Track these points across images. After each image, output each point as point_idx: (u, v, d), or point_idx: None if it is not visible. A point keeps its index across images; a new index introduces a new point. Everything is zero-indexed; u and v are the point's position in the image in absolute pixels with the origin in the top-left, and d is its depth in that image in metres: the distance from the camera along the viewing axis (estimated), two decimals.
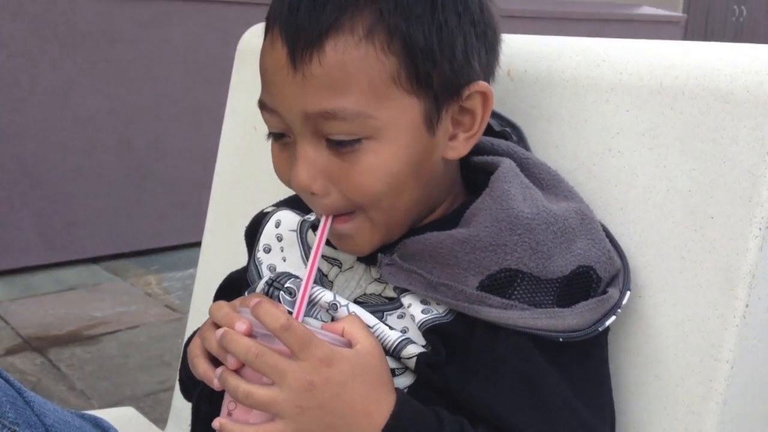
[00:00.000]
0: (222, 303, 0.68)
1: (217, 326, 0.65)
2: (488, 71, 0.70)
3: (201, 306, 1.22)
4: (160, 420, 1.25)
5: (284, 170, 0.68)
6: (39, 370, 2.14)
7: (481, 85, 0.67)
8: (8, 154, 2.74)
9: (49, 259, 2.88)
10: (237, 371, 0.63)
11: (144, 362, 2.22)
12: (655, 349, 0.70)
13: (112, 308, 2.58)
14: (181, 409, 1.18)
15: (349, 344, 0.63)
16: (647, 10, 4.98)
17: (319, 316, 0.70)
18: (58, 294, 2.69)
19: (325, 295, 0.69)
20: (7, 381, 0.77)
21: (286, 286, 0.72)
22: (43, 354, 2.23)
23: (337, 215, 0.68)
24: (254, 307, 0.61)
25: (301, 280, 0.69)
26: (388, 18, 0.62)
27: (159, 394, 2.03)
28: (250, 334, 0.62)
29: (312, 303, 0.69)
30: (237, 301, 0.69)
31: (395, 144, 0.64)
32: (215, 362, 0.67)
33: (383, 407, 0.61)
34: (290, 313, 0.66)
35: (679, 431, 0.68)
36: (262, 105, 0.67)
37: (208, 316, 0.89)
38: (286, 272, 0.74)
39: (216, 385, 0.65)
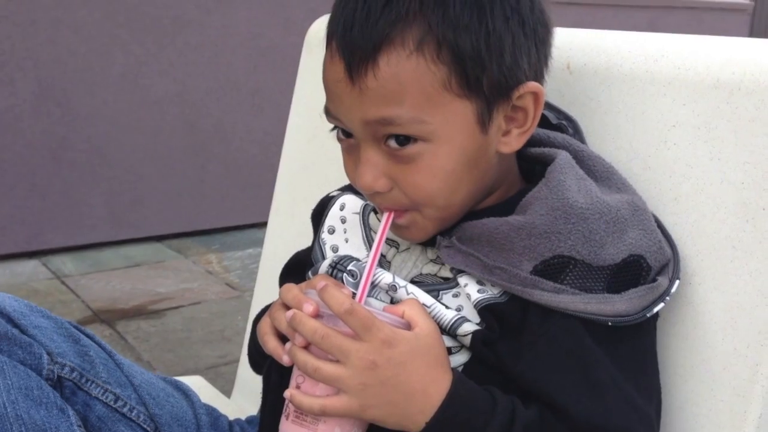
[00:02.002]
0: (291, 285, 0.73)
1: (287, 307, 0.71)
2: (540, 66, 0.73)
3: (266, 284, 1.28)
4: (225, 390, 1.32)
5: (351, 171, 0.73)
6: (108, 341, 2.24)
7: (531, 85, 0.70)
8: (81, 135, 2.86)
9: (117, 237, 3.00)
10: (305, 348, 0.68)
11: (206, 337, 2.31)
12: (704, 334, 0.73)
13: (175, 285, 2.68)
14: (246, 380, 1.25)
15: (409, 326, 0.68)
16: None
17: (379, 297, 0.75)
18: (125, 270, 2.80)
19: (385, 277, 0.74)
20: (99, 345, 0.85)
21: (348, 268, 0.77)
22: (112, 326, 2.34)
23: (396, 212, 0.72)
24: (321, 291, 0.66)
25: (363, 262, 0.73)
26: (437, 30, 0.65)
27: (220, 367, 2.12)
28: (317, 315, 0.67)
29: (372, 284, 0.74)
30: (305, 284, 0.74)
31: (450, 145, 0.68)
32: (283, 340, 0.73)
33: (440, 386, 0.66)
34: (354, 294, 0.71)
35: (725, 413, 0.71)
36: (327, 111, 0.72)
37: (272, 293, 0.95)
38: (348, 255, 0.79)
39: (285, 360, 0.70)
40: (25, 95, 2.73)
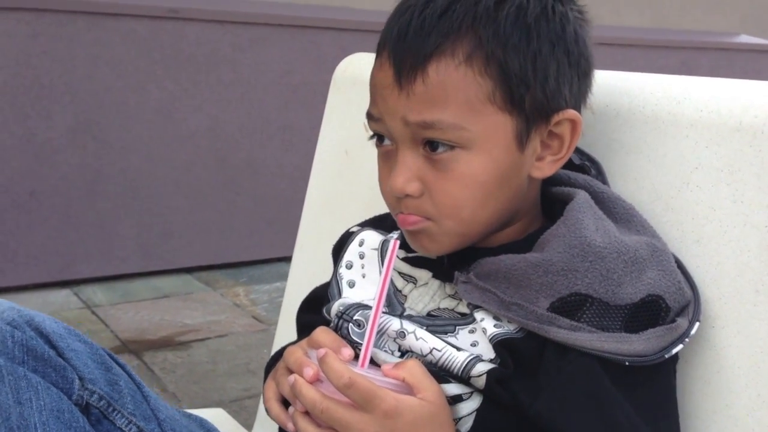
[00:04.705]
0: (294, 348, 0.73)
1: (290, 370, 0.71)
2: (579, 98, 0.75)
3: (290, 319, 1.28)
4: (246, 424, 1.32)
5: (385, 178, 0.74)
6: (135, 371, 2.26)
7: (570, 113, 0.72)
8: (115, 168, 2.92)
9: (147, 268, 3.04)
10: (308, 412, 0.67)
11: (231, 369, 2.31)
12: (727, 378, 0.72)
13: (203, 317, 2.70)
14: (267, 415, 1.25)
15: (411, 389, 0.66)
16: (745, 38, 4.85)
17: (386, 345, 0.74)
18: (153, 301, 2.83)
19: (393, 324, 0.73)
20: (129, 375, 0.85)
21: (355, 318, 0.76)
22: (139, 357, 2.36)
23: (415, 219, 0.72)
24: (320, 362, 0.65)
25: (370, 312, 0.72)
26: (487, 45, 0.68)
27: (244, 400, 2.12)
28: (318, 379, 0.67)
29: (380, 332, 0.73)
30: (308, 341, 0.74)
31: (486, 156, 0.70)
32: (287, 404, 0.73)
33: None
34: (358, 345, 0.70)
35: None
36: (369, 116, 0.74)
37: (295, 328, 0.96)
38: (355, 303, 0.78)
39: (290, 428, 0.70)
40: (62, 129, 2.80)
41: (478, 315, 0.72)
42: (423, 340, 0.72)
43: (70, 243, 2.88)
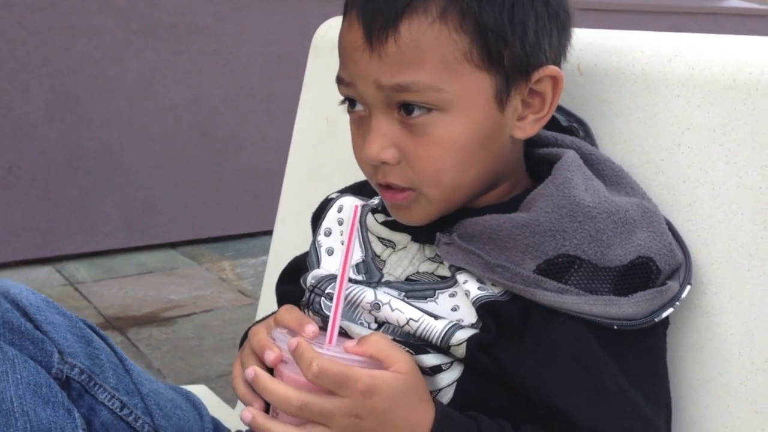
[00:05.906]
0: (258, 328, 0.71)
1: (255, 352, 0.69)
2: (559, 52, 0.72)
3: (272, 292, 1.26)
4: (231, 400, 1.30)
5: (359, 146, 0.71)
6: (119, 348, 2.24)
7: (551, 69, 0.69)
8: (95, 142, 2.87)
9: (130, 243, 3.00)
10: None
11: (217, 345, 2.29)
12: (720, 346, 0.70)
13: (188, 292, 2.67)
14: None
15: (381, 364, 0.64)
16: (734, 2, 4.81)
17: (362, 318, 0.72)
18: (137, 276, 2.80)
19: (367, 295, 0.71)
20: (111, 348, 0.82)
21: (326, 291, 0.74)
22: (123, 333, 2.34)
23: (395, 190, 0.70)
24: (292, 353, 0.63)
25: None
26: (461, 0, 0.64)
27: (230, 376, 2.10)
28: (281, 360, 0.65)
29: (354, 304, 0.71)
30: (272, 320, 0.72)
31: (465, 117, 0.66)
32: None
33: (425, 423, 0.63)
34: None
35: (742, 430, 0.68)
36: (340, 80, 0.70)
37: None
38: (327, 276, 0.76)
39: (256, 407, 0.68)
40: (39, 102, 2.74)
41: (461, 277, 0.69)
42: (399, 311, 0.69)
43: (51, 219, 2.84)
